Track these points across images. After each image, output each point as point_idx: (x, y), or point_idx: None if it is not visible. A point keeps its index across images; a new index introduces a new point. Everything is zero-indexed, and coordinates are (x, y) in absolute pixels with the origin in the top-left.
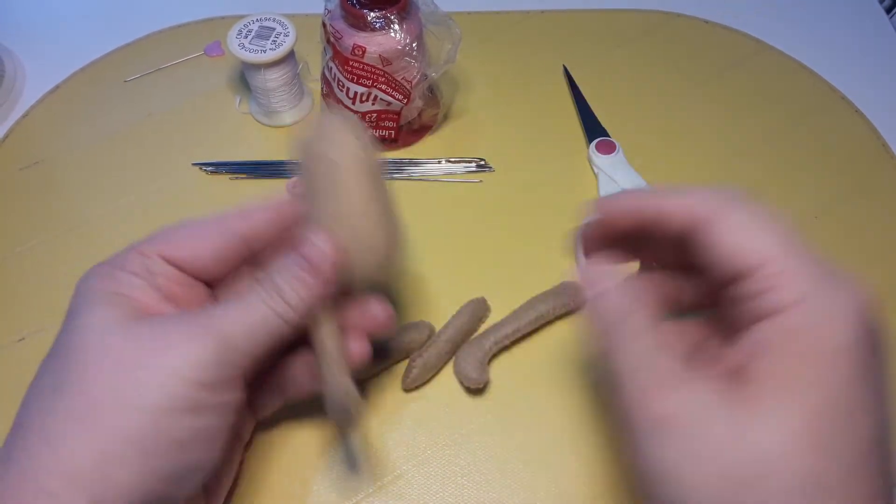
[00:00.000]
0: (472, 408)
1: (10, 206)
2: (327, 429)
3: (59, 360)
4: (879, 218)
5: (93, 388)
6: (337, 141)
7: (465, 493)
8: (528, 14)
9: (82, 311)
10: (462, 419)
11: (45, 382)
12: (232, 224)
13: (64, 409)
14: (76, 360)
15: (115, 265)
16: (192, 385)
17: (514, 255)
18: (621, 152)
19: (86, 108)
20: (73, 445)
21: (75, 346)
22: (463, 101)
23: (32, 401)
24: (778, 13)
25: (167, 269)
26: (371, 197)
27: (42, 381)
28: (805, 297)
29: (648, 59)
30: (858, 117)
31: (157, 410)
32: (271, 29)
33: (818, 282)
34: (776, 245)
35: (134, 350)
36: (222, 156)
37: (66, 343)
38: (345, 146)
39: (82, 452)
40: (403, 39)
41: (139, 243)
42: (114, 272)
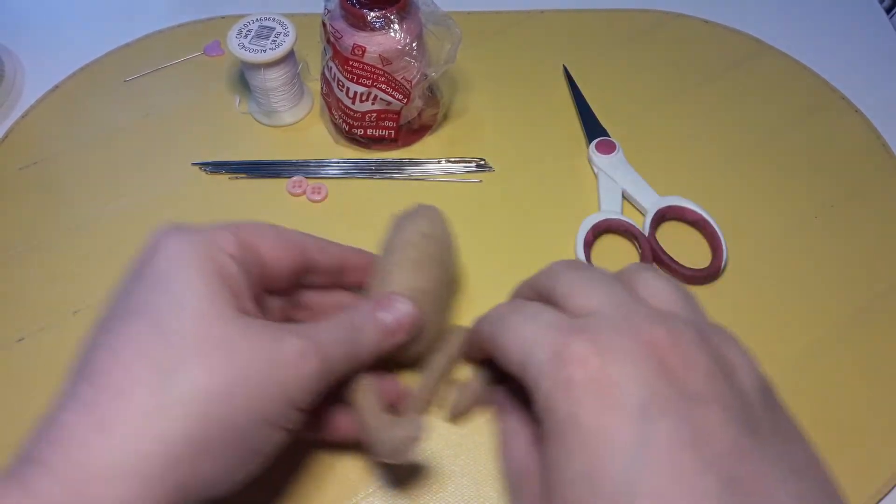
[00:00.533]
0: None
1: (9, 206)
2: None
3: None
4: (879, 218)
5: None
6: (442, 229)
7: (464, 493)
8: (528, 14)
9: (179, 282)
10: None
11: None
12: (307, 244)
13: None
14: (174, 340)
15: (211, 240)
16: (291, 405)
17: (514, 255)
18: (621, 152)
19: (85, 108)
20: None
21: (174, 325)
22: (463, 101)
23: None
24: (778, 13)
25: (257, 266)
26: (445, 284)
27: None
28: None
29: (649, 58)
30: (858, 117)
31: (254, 421)
32: (271, 29)
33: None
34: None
35: (247, 349)
36: (222, 155)
37: (158, 313)
38: (447, 236)
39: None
40: (403, 39)
41: (232, 225)
42: (212, 249)
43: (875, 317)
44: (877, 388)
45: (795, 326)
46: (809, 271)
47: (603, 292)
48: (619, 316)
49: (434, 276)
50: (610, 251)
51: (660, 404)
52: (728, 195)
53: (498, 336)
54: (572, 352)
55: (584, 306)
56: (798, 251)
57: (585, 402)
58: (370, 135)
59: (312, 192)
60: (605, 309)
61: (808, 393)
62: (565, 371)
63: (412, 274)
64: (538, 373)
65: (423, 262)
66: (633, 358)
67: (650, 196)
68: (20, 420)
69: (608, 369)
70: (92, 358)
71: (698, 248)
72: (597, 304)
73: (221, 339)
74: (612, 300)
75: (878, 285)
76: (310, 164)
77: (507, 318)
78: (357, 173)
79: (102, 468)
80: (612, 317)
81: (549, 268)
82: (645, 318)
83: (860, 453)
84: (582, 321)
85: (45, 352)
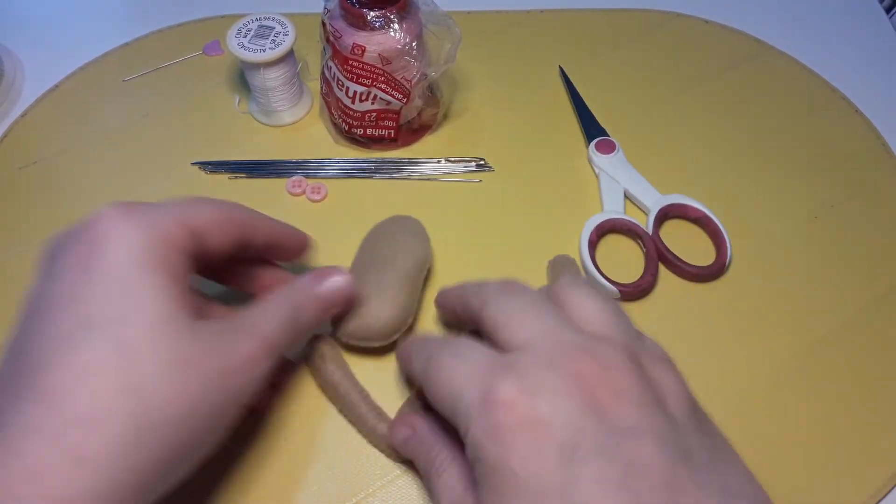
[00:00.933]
0: None
1: (9, 206)
2: (325, 429)
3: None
4: (879, 218)
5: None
6: (421, 237)
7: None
8: (528, 13)
9: (136, 289)
10: None
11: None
12: (245, 221)
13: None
14: (138, 360)
15: (160, 232)
16: (244, 402)
17: (514, 255)
18: (621, 152)
19: (85, 108)
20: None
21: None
22: (463, 101)
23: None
24: (778, 13)
25: (200, 250)
26: (412, 283)
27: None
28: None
29: (649, 58)
30: (858, 117)
31: (213, 428)
32: (270, 28)
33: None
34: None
35: (206, 365)
36: (221, 155)
37: (120, 330)
38: (425, 244)
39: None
40: (403, 39)
41: (175, 207)
42: (163, 244)
43: (876, 316)
44: (877, 386)
45: (796, 325)
46: (810, 271)
47: (532, 322)
48: (547, 350)
49: (387, 280)
50: (614, 251)
51: (588, 443)
52: (729, 195)
53: (428, 376)
54: (499, 394)
55: (513, 340)
56: (798, 251)
57: (514, 447)
58: (370, 134)
59: (312, 191)
60: (534, 341)
61: (809, 391)
62: (493, 415)
63: (371, 267)
64: (467, 417)
65: (385, 258)
66: (560, 396)
67: (652, 195)
68: None
69: (535, 410)
70: (50, 377)
71: (702, 245)
72: (525, 337)
73: (183, 358)
74: (542, 330)
75: (879, 285)
76: (309, 163)
77: (437, 357)
78: (356, 173)
79: (76, 500)
80: (541, 352)
81: (479, 287)
82: (574, 350)
83: (860, 453)
84: (510, 358)
85: None
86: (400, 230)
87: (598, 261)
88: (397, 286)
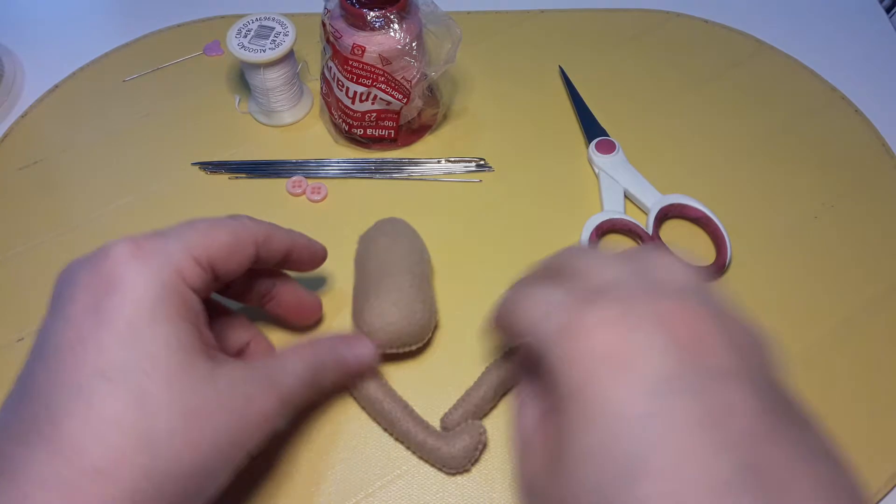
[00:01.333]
0: None
1: (9, 206)
2: (324, 429)
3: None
4: (879, 218)
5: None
6: (415, 236)
7: (464, 492)
8: (528, 13)
9: (152, 338)
10: None
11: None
12: (259, 238)
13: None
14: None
15: (172, 272)
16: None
17: (514, 255)
18: (621, 152)
19: (85, 108)
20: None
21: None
22: (463, 101)
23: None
24: (778, 13)
25: (213, 282)
26: (429, 281)
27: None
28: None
29: (649, 58)
30: (858, 117)
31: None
32: (271, 28)
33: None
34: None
35: (222, 417)
36: (222, 155)
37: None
38: (421, 241)
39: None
40: (403, 39)
41: (186, 236)
42: (176, 284)
43: (876, 316)
44: (878, 386)
45: (796, 325)
46: (810, 270)
47: (619, 269)
48: (637, 288)
49: (406, 283)
50: None
51: (677, 378)
52: (729, 194)
53: (513, 309)
54: (587, 321)
55: (600, 281)
56: (798, 251)
57: (599, 373)
58: (370, 134)
59: (312, 191)
60: (622, 281)
61: (809, 390)
62: (580, 340)
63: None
64: (551, 343)
65: (392, 277)
66: (651, 329)
67: (652, 195)
68: None
69: (624, 340)
70: (64, 428)
71: (702, 245)
72: (611, 278)
73: (198, 410)
74: (629, 272)
75: (879, 284)
76: (309, 163)
77: (522, 292)
78: (357, 173)
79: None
80: (631, 288)
81: (560, 251)
82: (664, 292)
83: (860, 453)
84: (598, 292)
85: None
86: (394, 232)
87: None
88: (421, 287)
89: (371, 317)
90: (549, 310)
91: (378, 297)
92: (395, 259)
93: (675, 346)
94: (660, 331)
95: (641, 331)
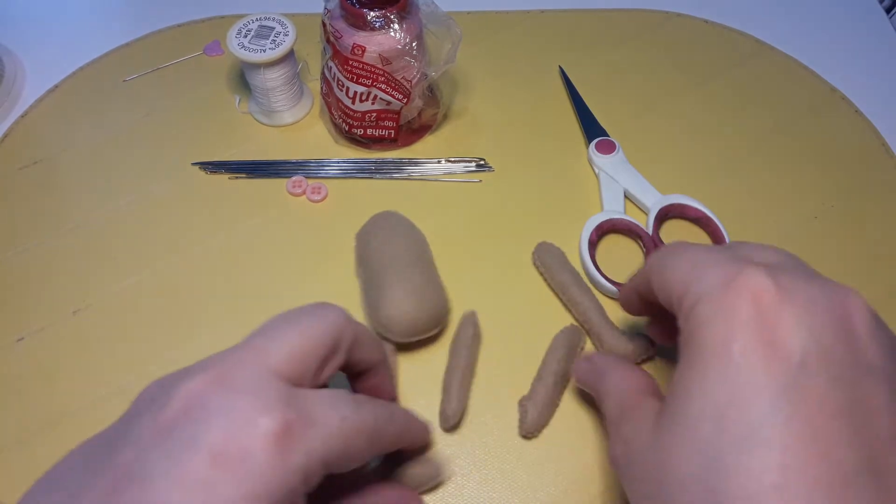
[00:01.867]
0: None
1: (9, 206)
2: None
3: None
4: (879, 218)
5: None
6: (413, 227)
7: (464, 492)
8: (528, 14)
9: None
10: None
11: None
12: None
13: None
14: None
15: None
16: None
17: (514, 255)
18: (621, 152)
19: (85, 108)
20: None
21: None
22: (463, 101)
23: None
24: (779, 13)
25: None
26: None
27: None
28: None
29: (649, 58)
30: (858, 117)
31: None
32: (271, 28)
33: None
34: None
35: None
36: (222, 155)
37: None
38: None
39: None
40: (403, 39)
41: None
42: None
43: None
44: None
45: None
46: None
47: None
48: (797, 269)
49: (415, 273)
50: (614, 251)
51: (827, 360)
52: (729, 194)
53: (668, 261)
54: (747, 281)
55: (759, 257)
56: (798, 250)
57: (744, 334)
58: (370, 134)
59: (312, 191)
60: (783, 262)
61: None
62: (733, 298)
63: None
64: (701, 296)
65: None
66: (813, 307)
67: (652, 195)
68: (21, 419)
69: (780, 309)
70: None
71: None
72: (774, 258)
73: None
74: (787, 258)
75: (879, 284)
76: (309, 163)
77: (684, 246)
78: (357, 173)
79: None
80: (798, 269)
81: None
82: (825, 280)
83: None
84: (760, 263)
85: (45, 351)
86: (391, 225)
87: (598, 261)
88: (429, 275)
89: (388, 309)
90: (709, 263)
91: (392, 289)
92: (398, 251)
93: (834, 331)
94: (824, 311)
95: (804, 305)
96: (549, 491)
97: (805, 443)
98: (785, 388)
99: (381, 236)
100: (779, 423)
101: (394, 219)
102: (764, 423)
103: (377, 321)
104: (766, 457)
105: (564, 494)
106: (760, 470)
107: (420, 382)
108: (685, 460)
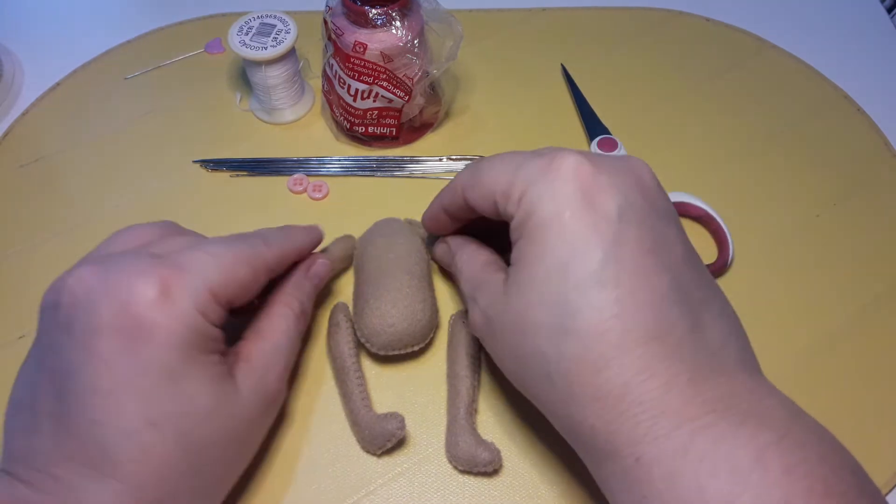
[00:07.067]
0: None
1: (10, 204)
2: (325, 428)
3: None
4: (881, 216)
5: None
6: (413, 236)
7: (465, 491)
8: (530, 11)
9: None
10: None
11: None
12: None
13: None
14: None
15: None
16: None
17: None
18: (623, 150)
19: (86, 106)
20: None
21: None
22: (464, 99)
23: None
24: (780, 12)
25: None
26: (429, 281)
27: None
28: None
29: (651, 56)
30: (861, 116)
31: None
32: (272, 26)
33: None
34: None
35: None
36: (223, 153)
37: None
38: (419, 241)
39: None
40: (405, 36)
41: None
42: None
43: (878, 314)
44: (879, 385)
45: (798, 323)
46: (812, 269)
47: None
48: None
49: (405, 283)
50: None
51: (635, 212)
52: (730, 193)
53: (484, 170)
54: (564, 162)
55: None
56: (800, 249)
57: (572, 203)
58: (371, 132)
59: (313, 189)
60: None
61: (810, 389)
62: (555, 177)
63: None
64: (528, 183)
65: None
66: (618, 173)
67: None
68: None
69: (596, 179)
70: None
71: (704, 244)
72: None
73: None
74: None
75: (881, 282)
76: (311, 161)
77: (490, 157)
78: (358, 171)
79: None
80: (594, 153)
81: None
82: (620, 157)
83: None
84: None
85: None
86: (391, 233)
87: None
88: (421, 287)
89: (371, 319)
90: (527, 158)
91: (377, 299)
92: (392, 259)
93: (636, 188)
94: (626, 174)
95: (613, 173)
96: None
97: (631, 276)
98: (611, 238)
99: (379, 244)
100: (610, 266)
101: (395, 226)
102: (599, 267)
103: (359, 330)
104: (605, 293)
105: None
106: (601, 304)
107: (420, 382)
108: (537, 310)
